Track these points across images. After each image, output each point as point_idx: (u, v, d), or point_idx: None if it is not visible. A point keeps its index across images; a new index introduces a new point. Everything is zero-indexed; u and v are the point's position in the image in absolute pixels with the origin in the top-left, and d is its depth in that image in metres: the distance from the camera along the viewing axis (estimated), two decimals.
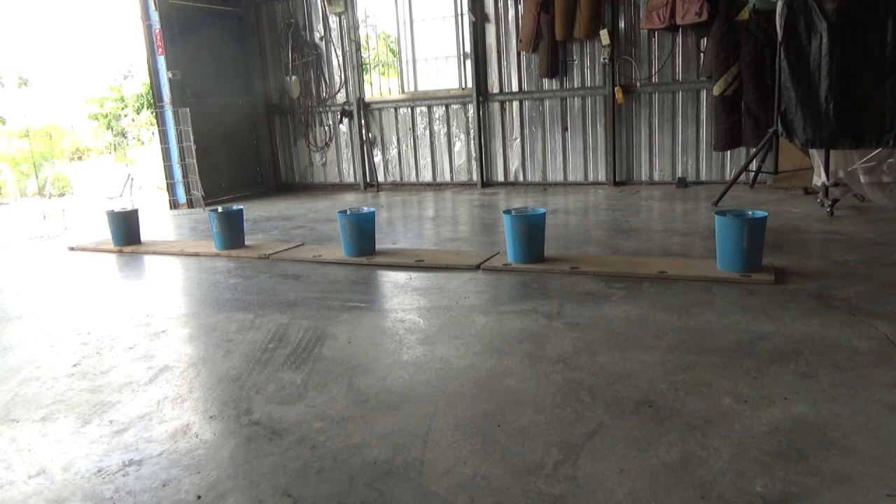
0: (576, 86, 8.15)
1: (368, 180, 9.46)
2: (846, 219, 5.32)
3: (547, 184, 8.48)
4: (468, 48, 8.55)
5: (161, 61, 8.33)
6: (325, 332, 3.27)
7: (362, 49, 9.26)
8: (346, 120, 9.38)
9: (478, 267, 4.39)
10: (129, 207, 6.22)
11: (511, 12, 8.29)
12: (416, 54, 9.07)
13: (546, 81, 8.29)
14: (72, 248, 5.98)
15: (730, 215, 3.88)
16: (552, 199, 7.40)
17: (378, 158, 9.44)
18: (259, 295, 4.07)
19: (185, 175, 8.47)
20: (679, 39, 7.56)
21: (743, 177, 6.87)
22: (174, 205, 8.67)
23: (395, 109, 9.17)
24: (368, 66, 9.41)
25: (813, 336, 2.84)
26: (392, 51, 9.70)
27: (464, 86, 8.75)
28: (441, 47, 8.92)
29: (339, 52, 9.27)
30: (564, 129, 8.28)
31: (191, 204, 8.50)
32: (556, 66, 8.09)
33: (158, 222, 7.57)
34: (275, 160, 10.06)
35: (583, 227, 5.76)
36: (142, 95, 16.24)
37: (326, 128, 9.62)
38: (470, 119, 8.73)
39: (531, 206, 4.76)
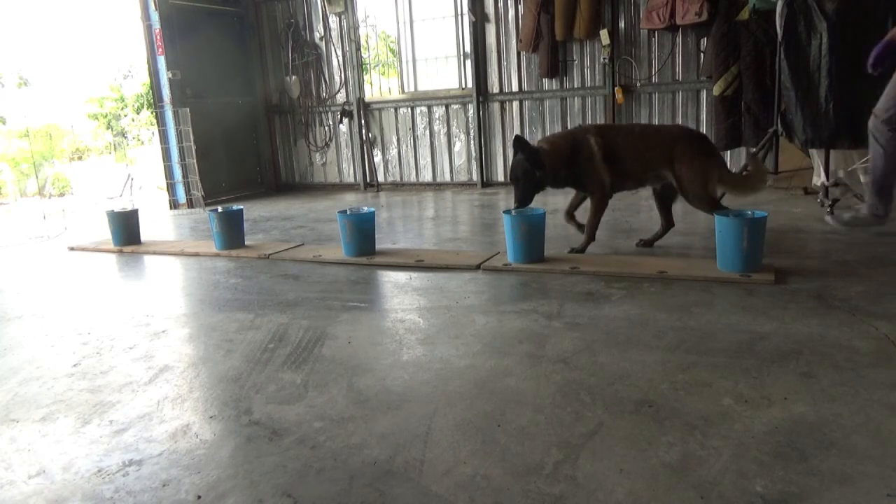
0: (576, 86, 8.16)
1: (368, 180, 9.46)
2: None
3: None
4: (468, 48, 8.55)
5: (161, 61, 8.33)
6: (325, 332, 3.27)
7: (362, 49, 9.26)
8: (346, 120, 9.38)
9: (478, 267, 4.39)
10: (129, 207, 6.21)
11: (511, 12, 8.29)
12: (416, 54, 9.07)
13: (546, 81, 8.29)
14: (72, 248, 5.98)
15: (730, 215, 3.88)
16: (552, 199, 7.39)
17: (378, 158, 9.44)
18: (259, 295, 4.07)
19: (185, 175, 8.47)
20: (679, 39, 7.56)
21: None
22: (174, 205, 8.67)
23: (395, 109, 9.17)
24: (368, 66, 9.41)
25: (813, 336, 2.84)
26: (392, 51, 9.70)
27: (464, 86, 8.75)
28: (441, 47, 8.91)
29: (339, 52, 9.27)
30: (565, 129, 8.28)
31: (191, 204, 8.50)
32: (556, 66, 8.10)
33: (158, 222, 7.57)
34: (275, 160, 10.06)
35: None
36: (142, 95, 16.25)
37: (326, 128, 9.62)
38: (470, 119, 8.73)
39: (531, 207, 4.75)
